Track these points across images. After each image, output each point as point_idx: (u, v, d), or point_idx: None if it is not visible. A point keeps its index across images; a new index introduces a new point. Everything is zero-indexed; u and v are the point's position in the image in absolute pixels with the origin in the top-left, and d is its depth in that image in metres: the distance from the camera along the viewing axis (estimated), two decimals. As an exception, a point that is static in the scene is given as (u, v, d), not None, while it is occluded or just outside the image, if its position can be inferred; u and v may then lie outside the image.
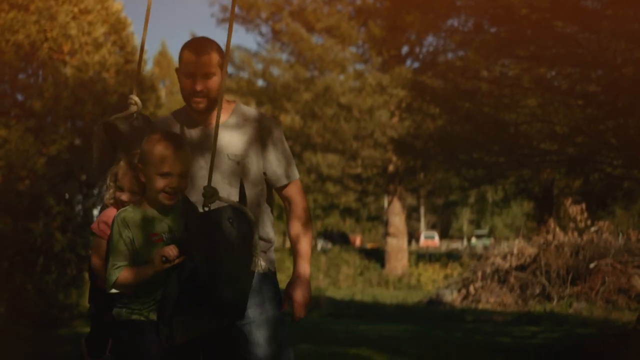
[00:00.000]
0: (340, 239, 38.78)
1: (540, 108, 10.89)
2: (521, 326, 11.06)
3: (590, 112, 10.05)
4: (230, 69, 25.57)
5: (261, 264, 2.86)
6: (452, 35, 12.77)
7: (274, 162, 3.16)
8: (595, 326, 10.53)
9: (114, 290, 2.79)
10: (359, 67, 24.00)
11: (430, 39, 23.09)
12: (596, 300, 13.01)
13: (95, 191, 11.28)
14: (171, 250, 2.67)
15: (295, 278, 3.11)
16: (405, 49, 24.72)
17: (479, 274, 15.19)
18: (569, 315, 12.21)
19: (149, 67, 14.80)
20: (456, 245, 43.83)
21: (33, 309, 9.94)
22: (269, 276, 3.14)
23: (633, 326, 8.24)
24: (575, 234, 14.78)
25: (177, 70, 3.14)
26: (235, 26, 27.28)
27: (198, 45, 3.06)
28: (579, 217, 15.18)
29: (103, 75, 10.73)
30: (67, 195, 10.49)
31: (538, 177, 18.70)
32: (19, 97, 10.70)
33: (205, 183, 2.83)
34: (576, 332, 9.98)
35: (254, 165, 3.12)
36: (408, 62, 24.48)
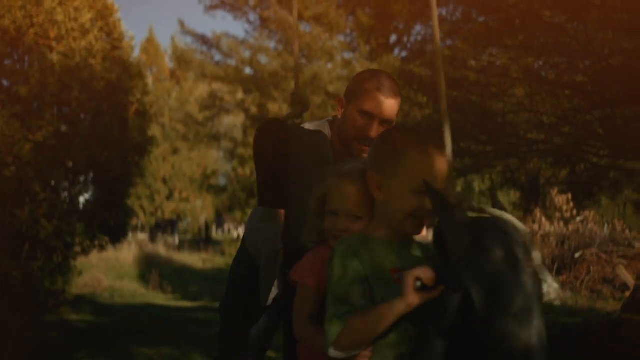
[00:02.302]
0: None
1: (527, 98, 10.92)
2: (507, 315, 11.11)
3: (578, 102, 10.09)
4: (217, 57, 25.53)
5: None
6: (440, 24, 12.73)
7: None
8: (580, 315, 10.60)
9: (336, 354, 1.87)
10: (347, 55, 23.97)
11: (418, 28, 23.11)
12: (581, 289, 13.09)
13: (82, 178, 11.24)
14: (428, 272, 1.83)
15: None
16: (393, 38, 24.72)
17: (465, 262, 15.26)
18: (554, 304, 12.28)
19: (135, 53, 14.73)
20: (443, 234, 43.94)
21: (19, 296, 9.91)
22: None
23: (618, 315, 8.29)
24: (561, 223, 14.86)
25: (344, 100, 2.66)
26: (223, 13, 27.31)
27: (389, 86, 2.61)
28: (564, 207, 15.26)
29: (90, 62, 10.67)
30: (53, 182, 10.44)
31: (525, 166, 18.76)
32: (5, 82, 10.63)
33: None
34: (561, 321, 10.04)
35: None
36: (396, 51, 24.49)
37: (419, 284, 1.81)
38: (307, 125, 2.71)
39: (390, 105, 2.61)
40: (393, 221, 2.00)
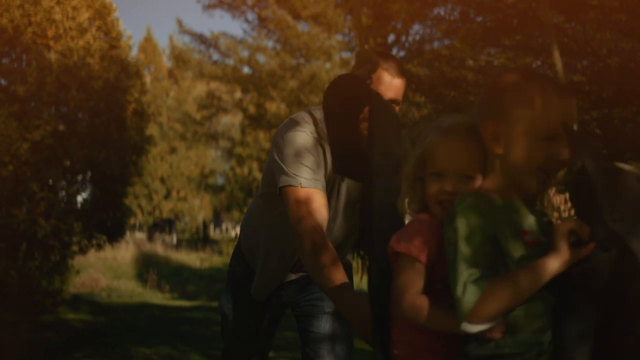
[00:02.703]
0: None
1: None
2: (504, 315, 11.12)
3: (575, 102, 10.11)
4: (215, 56, 25.50)
5: None
6: (438, 24, 12.79)
7: None
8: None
9: (475, 328, 1.60)
10: (345, 55, 23.98)
11: (416, 28, 23.08)
12: (579, 289, 13.11)
13: (79, 177, 11.23)
14: (583, 225, 1.58)
15: None
16: (391, 38, 24.71)
17: (463, 262, 15.27)
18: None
19: (134, 52, 14.74)
20: (440, 234, 44.00)
21: (16, 295, 9.90)
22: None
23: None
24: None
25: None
26: (221, 13, 27.31)
27: (395, 66, 2.66)
28: (562, 207, 15.26)
29: (87, 61, 10.66)
30: (50, 181, 10.43)
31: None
32: (2, 81, 10.61)
33: (338, 229, 2.58)
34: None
35: None
36: (394, 51, 24.47)
37: (573, 238, 1.54)
38: (314, 111, 2.71)
39: (397, 84, 2.62)
40: (517, 176, 1.71)
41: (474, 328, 1.58)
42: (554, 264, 1.55)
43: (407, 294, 1.78)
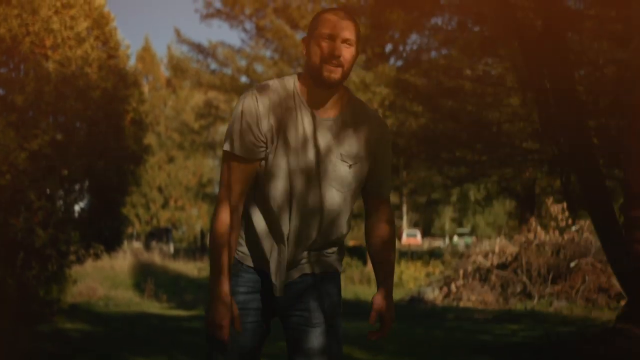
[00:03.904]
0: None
1: (522, 107, 10.94)
2: (502, 324, 11.11)
3: (572, 111, 10.13)
4: (213, 65, 25.54)
5: None
6: (435, 33, 12.83)
7: (380, 174, 2.83)
8: (575, 324, 10.60)
9: None
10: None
11: (414, 37, 23.18)
12: (576, 298, 13.10)
13: (77, 187, 11.22)
14: None
15: (386, 293, 2.90)
16: (389, 47, 24.77)
17: (461, 272, 15.26)
18: (549, 313, 12.28)
19: (132, 62, 14.75)
20: (438, 243, 44.04)
21: (14, 304, 9.88)
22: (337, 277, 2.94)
23: (613, 325, 8.30)
24: (556, 232, 14.88)
25: (306, 39, 2.73)
26: (219, 22, 27.36)
27: (342, 11, 2.72)
28: (560, 216, 15.27)
29: (86, 70, 10.67)
30: (48, 191, 10.42)
31: (520, 175, 18.79)
32: (0, 91, 10.61)
33: (318, 185, 2.57)
34: (556, 330, 10.05)
35: (362, 172, 2.76)
36: (392, 60, 24.54)
37: None
38: (273, 82, 2.72)
39: (347, 24, 2.66)
40: None
41: None
42: None
43: None
